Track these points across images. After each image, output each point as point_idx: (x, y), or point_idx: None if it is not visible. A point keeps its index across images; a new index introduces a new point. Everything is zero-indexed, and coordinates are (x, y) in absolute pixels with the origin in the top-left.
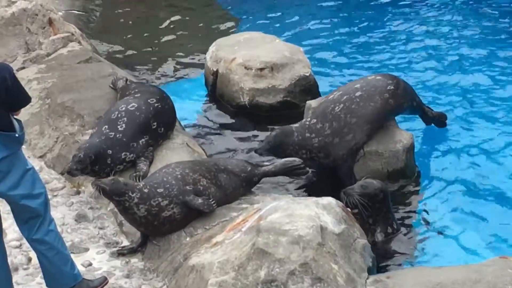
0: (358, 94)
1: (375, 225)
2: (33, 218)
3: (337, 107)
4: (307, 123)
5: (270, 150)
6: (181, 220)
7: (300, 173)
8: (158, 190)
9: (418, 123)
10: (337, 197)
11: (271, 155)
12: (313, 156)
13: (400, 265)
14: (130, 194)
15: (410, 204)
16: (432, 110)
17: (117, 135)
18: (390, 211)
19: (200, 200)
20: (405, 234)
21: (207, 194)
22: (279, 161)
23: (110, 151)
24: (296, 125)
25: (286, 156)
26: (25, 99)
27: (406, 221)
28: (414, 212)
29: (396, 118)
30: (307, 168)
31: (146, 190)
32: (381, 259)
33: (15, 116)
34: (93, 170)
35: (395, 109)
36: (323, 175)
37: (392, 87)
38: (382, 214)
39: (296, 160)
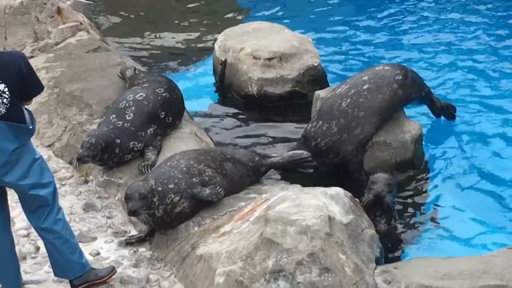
0: (366, 87)
1: (380, 217)
2: (41, 207)
3: (344, 102)
4: (312, 129)
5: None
6: (189, 213)
7: (307, 166)
8: (169, 186)
9: (427, 114)
10: (345, 187)
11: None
12: (324, 160)
13: (405, 255)
14: (153, 199)
15: (418, 194)
16: (440, 100)
17: (125, 124)
18: (394, 202)
19: (207, 191)
20: (411, 225)
21: (213, 184)
22: (287, 154)
23: (118, 140)
24: (301, 140)
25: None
26: (38, 88)
27: (413, 212)
28: (422, 202)
29: (404, 108)
30: (315, 162)
31: (160, 188)
32: (385, 250)
33: (25, 106)
34: (102, 158)
35: (403, 100)
36: (332, 166)
37: (400, 77)
38: (391, 205)
39: (304, 153)
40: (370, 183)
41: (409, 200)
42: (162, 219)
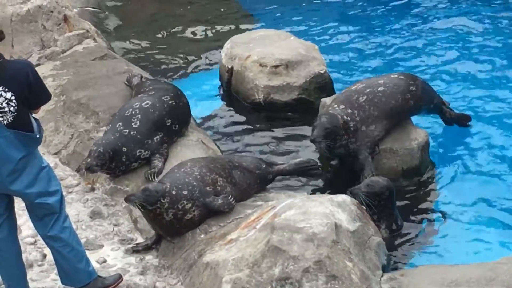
0: (381, 89)
1: (379, 222)
2: (48, 215)
3: (361, 98)
4: (337, 108)
5: (326, 136)
6: (198, 221)
7: (314, 174)
8: (183, 192)
9: (433, 121)
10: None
11: (328, 141)
12: (348, 142)
13: (411, 263)
14: (162, 200)
15: (424, 202)
16: (452, 111)
17: (132, 132)
18: (395, 208)
19: (220, 201)
20: (417, 232)
21: (225, 193)
22: (294, 161)
23: (125, 149)
24: (331, 110)
25: (334, 140)
26: (46, 96)
27: (420, 219)
28: (428, 209)
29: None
30: (320, 169)
31: (174, 193)
32: (391, 257)
33: (33, 115)
34: (110, 167)
35: (412, 109)
36: (338, 172)
37: (413, 88)
38: (387, 211)
39: (311, 161)
40: None
41: (416, 207)
42: (172, 224)
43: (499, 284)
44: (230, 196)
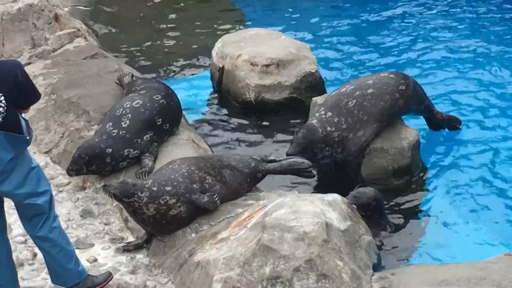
0: (370, 91)
1: None
2: (37, 215)
3: (350, 102)
4: (323, 116)
5: (301, 152)
6: (186, 218)
7: (306, 176)
8: (166, 188)
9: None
10: (343, 194)
11: (303, 156)
12: (332, 152)
13: (402, 262)
14: (140, 194)
15: (415, 201)
16: (442, 113)
17: (120, 132)
18: (383, 216)
19: (205, 199)
20: (408, 231)
21: (212, 191)
22: (286, 161)
23: (109, 150)
24: (315, 120)
25: (314, 153)
26: (35, 96)
27: (411, 218)
28: (419, 209)
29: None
30: (313, 172)
31: (155, 188)
32: (382, 257)
33: (23, 115)
34: (90, 170)
35: (402, 109)
36: (329, 172)
37: (403, 87)
38: (374, 221)
39: (304, 163)
40: None
41: (406, 207)
42: (155, 219)
43: (490, 284)
44: (215, 195)
